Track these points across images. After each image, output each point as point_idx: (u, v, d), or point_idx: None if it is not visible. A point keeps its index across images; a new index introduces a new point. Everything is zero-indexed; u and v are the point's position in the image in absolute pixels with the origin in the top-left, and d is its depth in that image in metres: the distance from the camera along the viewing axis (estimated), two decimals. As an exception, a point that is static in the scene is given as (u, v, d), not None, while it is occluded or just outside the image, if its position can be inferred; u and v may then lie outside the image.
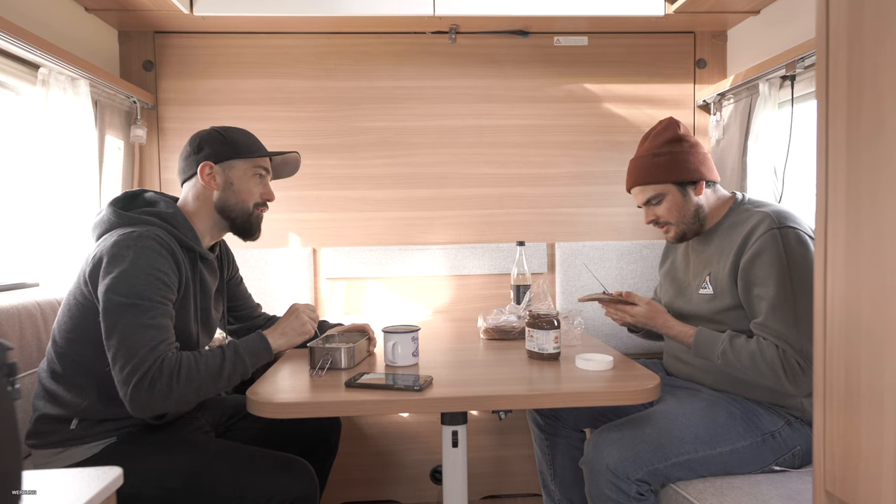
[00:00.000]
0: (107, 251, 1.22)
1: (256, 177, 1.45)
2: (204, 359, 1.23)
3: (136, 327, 1.16)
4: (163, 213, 1.34)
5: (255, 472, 1.28)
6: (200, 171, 1.39)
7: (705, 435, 1.36)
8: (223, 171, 1.41)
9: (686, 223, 1.54)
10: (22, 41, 1.52)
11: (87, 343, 1.26)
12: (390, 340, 1.39)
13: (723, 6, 2.09)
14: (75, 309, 1.27)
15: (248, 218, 1.44)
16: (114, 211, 1.31)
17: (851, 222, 0.80)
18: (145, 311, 1.18)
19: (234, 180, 1.42)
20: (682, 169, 1.52)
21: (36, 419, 1.28)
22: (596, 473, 1.35)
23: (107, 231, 1.30)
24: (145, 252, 1.21)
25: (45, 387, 1.29)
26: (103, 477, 0.84)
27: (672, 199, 1.53)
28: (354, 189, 2.35)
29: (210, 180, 1.40)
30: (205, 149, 1.41)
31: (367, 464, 2.32)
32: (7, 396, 0.68)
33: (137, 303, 1.17)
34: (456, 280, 2.39)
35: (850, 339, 0.81)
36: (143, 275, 1.19)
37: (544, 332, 1.41)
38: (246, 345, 1.30)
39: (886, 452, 0.75)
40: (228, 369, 1.25)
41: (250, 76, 2.30)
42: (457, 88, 2.36)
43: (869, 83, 0.77)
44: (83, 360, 1.27)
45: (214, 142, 1.41)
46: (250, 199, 1.44)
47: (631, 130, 2.38)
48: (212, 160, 1.40)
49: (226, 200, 1.41)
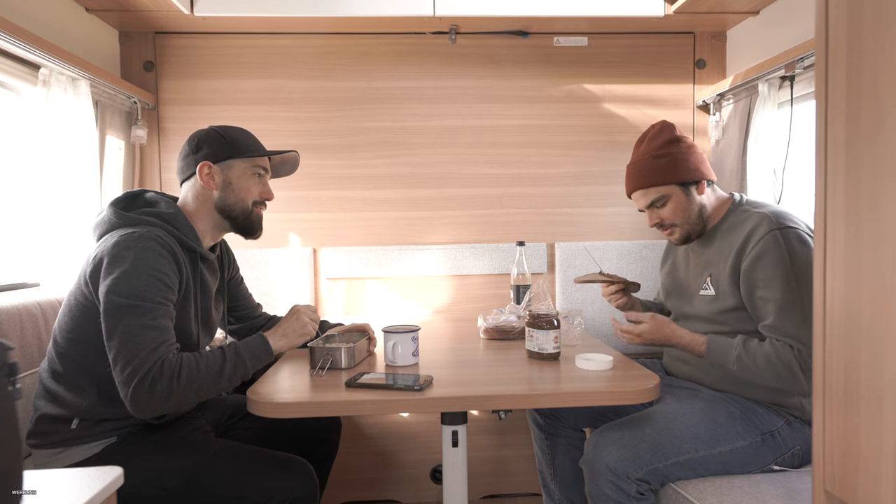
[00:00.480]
0: (107, 252, 1.22)
1: (255, 176, 1.44)
2: (204, 360, 1.23)
3: (136, 328, 1.16)
4: (163, 214, 1.34)
5: (256, 472, 1.28)
6: (199, 170, 1.39)
7: (705, 435, 1.36)
8: (222, 171, 1.41)
9: (691, 224, 1.54)
10: (23, 41, 1.53)
11: (87, 343, 1.26)
12: (390, 340, 1.39)
13: (722, 6, 2.09)
14: (76, 309, 1.28)
15: (249, 216, 1.44)
16: (114, 211, 1.32)
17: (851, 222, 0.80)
18: (146, 312, 1.18)
19: (232, 179, 1.42)
20: (684, 169, 1.51)
21: (37, 419, 1.28)
22: (596, 473, 1.35)
23: (107, 231, 1.30)
24: (146, 253, 1.21)
25: (46, 386, 1.29)
26: (103, 477, 0.84)
27: (676, 201, 1.53)
28: (354, 189, 2.35)
29: (209, 180, 1.40)
30: (203, 148, 1.41)
31: (367, 464, 2.32)
32: (7, 396, 0.68)
33: (138, 304, 1.18)
34: (456, 280, 2.39)
35: (849, 339, 0.81)
36: (143, 276, 1.19)
37: (544, 332, 1.41)
38: (247, 346, 1.30)
39: (886, 452, 0.75)
40: (229, 370, 1.25)
41: (250, 76, 2.30)
42: (457, 88, 2.36)
43: (868, 83, 0.77)
44: (84, 360, 1.27)
45: (213, 141, 1.41)
46: (249, 197, 1.43)
47: (631, 130, 2.38)
48: (210, 160, 1.40)
49: (225, 200, 1.41)
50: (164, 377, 1.16)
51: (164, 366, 1.16)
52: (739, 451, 1.37)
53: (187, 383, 1.18)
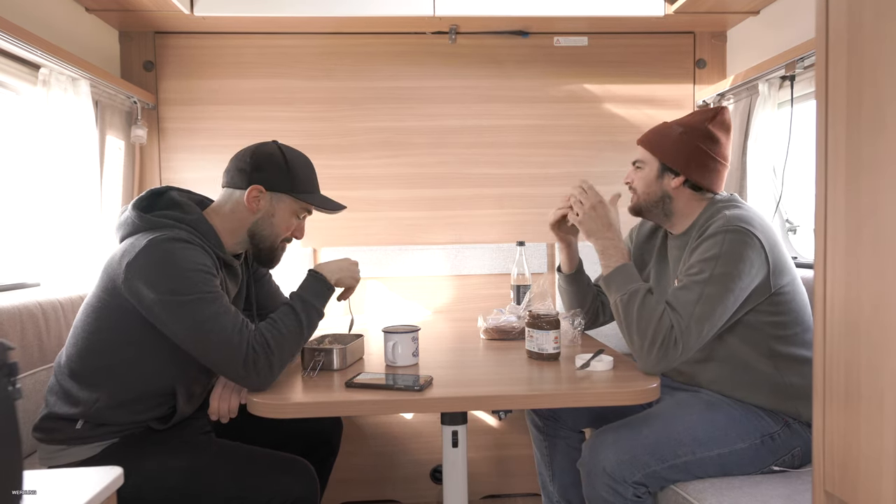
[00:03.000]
0: (142, 258, 1.19)
1: (298, 216, 1.42)
2: (281, 322, 1.26)
3: (213, 319, 1.18)
4: (185, 219, 1.31)
5: (256, 472, 1.28)
6: (248, 192, 1.35)
7: (703, 437, 1.36)
8: (271, 201, 1.37)
9: (647, 202, 1.52)
10: (23, 41, 1.53)
11: (109, 344, 1.26)
12: (390, 340, 1.39)
13: (723, 6, 2.09)
14: (101, 311, 1.26)
15: (274, 250, 1.42)
16: (137, 214, 1.29)
17: (851, 222, 0.80)
18: (213, 301, 1.19)
19: (276, 213, 1.38)
20: (674, 153, 1.48)
21: (44, 416, 1.29)
22: (593, 476, 1.35)
23: (130, 234, 1.28)
24: (183, 251, 1.21)
25: (61, 382, 1.29)
26: (103, 477, 0.84)
27: (648, 172, 1.51)
28: (354, 189, 2.35)
29: (254, 203, 1.36)
30: (264, 171, 1.36)
31: (367, 464, 2.32)
32: (7, 396, 0.68)
33: (202, 297, 1.18)
34: (456, 280, 2.39)
35: (850, 339, 0.81)
36: (190, 272, 1.19)
37: (544, 332, 1.41)
38: (307, 289, 1.33)
39: (886, 452, 0.75)
40: (305, 319, 1.28)
41: (250, 76, 2.30)
42: (457, 88, 2.36)
43: (869, 83, 0.77)
44: (103, 361, 1.27)
45: (276, 169, 1.36)
46: (283, 234, 1.41)
47: (631, 130, 2.38)
48: (265, 185, 1.35)
49: (261, 229, 1.38)
50: (260, 354, 1.19)
51: (254, 344, 1.20)
52: (738, 454, 1.36)
53: (278, 349, 1.22)
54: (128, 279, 1.20)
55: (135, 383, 1.28)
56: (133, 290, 1.20)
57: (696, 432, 1.36)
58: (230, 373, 1.22)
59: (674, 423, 1.37)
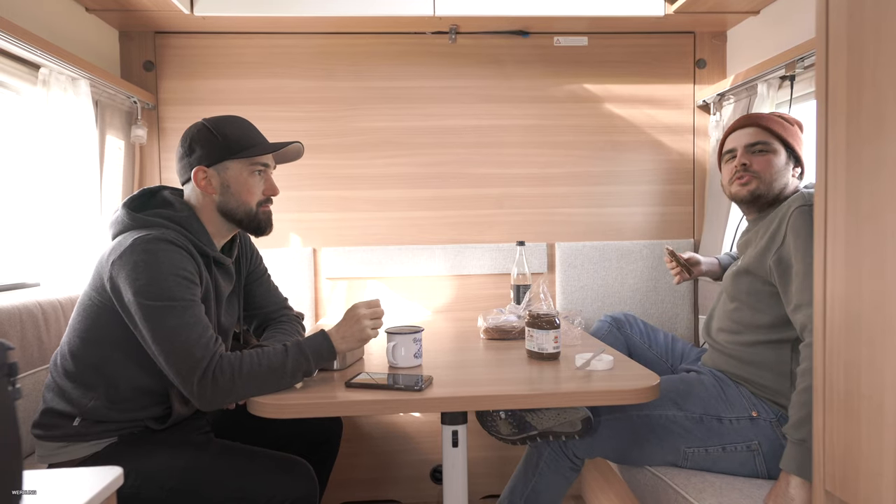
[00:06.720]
0: (124, 257, 1.20)
1: (255, 174, 1.37)
2: (266, 356, 1.21)
3: (179, 328, 1.17)
4: (176, 216, 1.31)
5: (256, 472, 1.28)
6: (194, 177, 1.34)
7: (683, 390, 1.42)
8: (218, 174, 1.34)
9: (768, 187, 1.49)
10: (23, 41, 1.53)
11: (100, 344, 1.26)
12: (392, 341, 1.39)
13: (723, 6, 2.09)
14: (91, 310, 1.27)
15: (254, 217, 1.38)
16: (127, 212, 1.29)
17: (851, 222, 0.80)
18: (183, 310, 1.18)
19: (230, 182, 1.34)
20: (798, 143, 1.51)
21: (42, 411, 1.29)
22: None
23: (120, 232, 1.29)
24: (164, 254, 1.20)
25: (56, 381, 1.29)
26: (103, 477, 0.84)
27: (776, 159, 1.49)
28: (354, 189, 2.35)
29: (206, 185, 1.34)
30: (196, 150, 1.34)
31: (367, 464, 2.32)
32: (7, 396, 0.68)
33: (172, 304, 1.17)
34: (456, 280, 2.39)
35: (850, 339, 0.81)
36: (168, 276, 1.19)
37: (544, 331, 1.41)
38: (310, 344, 1.26)
39: (886, 452, 0.75)
40: (291, 366, 1.21)
41: (250, 76, 2.30)
42: (457, 88, 2.36)
43: (869, 83, 0.77)
44: (96, 361, 1.27)
45: (205, 142, 1.33)
46: (252, 199, 1.37)
47: (631, 130, 2.38)
48: (204, 163, 1.33)
49: (227, 203, 1.36)
50: (226, 372, 1.17)
51: (223, 360, 1.17)
52: (720, 423, 1.39)
53: (249, 378, 1.18)
54: (112, 277, 1.21)
55: (126, 383, 1.28)
56: (115, 287, 1.21)
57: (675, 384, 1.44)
58: (183, 384, 1.18)
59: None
